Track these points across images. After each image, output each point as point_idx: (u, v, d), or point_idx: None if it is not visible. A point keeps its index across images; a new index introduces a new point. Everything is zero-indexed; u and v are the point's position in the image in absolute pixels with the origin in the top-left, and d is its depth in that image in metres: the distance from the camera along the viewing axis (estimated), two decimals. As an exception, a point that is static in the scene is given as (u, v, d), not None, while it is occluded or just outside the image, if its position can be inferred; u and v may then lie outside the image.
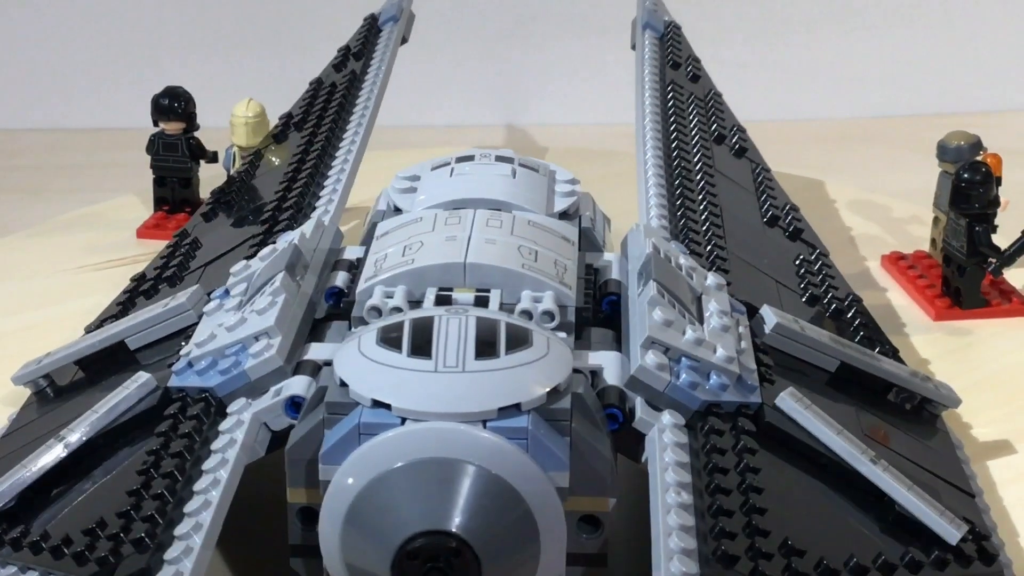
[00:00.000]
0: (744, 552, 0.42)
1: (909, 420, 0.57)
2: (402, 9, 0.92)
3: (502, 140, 1.22)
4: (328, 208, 0.67)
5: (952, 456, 0.56)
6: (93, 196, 0.97)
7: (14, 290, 0.80)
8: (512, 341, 0.46)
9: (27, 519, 0.48)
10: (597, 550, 0.47)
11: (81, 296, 0.76)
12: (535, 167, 0.63)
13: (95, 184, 1.08)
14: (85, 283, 0.80)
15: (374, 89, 0.81)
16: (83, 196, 0.99)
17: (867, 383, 0.57)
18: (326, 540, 0.45)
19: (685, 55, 0.89)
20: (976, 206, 0.74)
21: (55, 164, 1.22)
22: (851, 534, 0.46)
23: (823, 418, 0.49)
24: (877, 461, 0.48)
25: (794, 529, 0.44)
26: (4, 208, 1.09)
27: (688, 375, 0.49)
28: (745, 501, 0.45)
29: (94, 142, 1.24)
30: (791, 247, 0.69)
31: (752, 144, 0.81)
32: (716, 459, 0.46)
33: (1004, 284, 0.78)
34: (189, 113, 0.87)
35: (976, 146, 0.77)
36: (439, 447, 0.43)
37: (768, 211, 0.72)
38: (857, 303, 0.65)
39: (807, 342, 0.56)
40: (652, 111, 0.77)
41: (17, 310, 0.77)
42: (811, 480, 0.48)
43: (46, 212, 0.95)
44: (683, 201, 0.67)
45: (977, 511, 0.52)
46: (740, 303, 0.57)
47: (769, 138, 0.86)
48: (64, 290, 0.79)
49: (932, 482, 0.51)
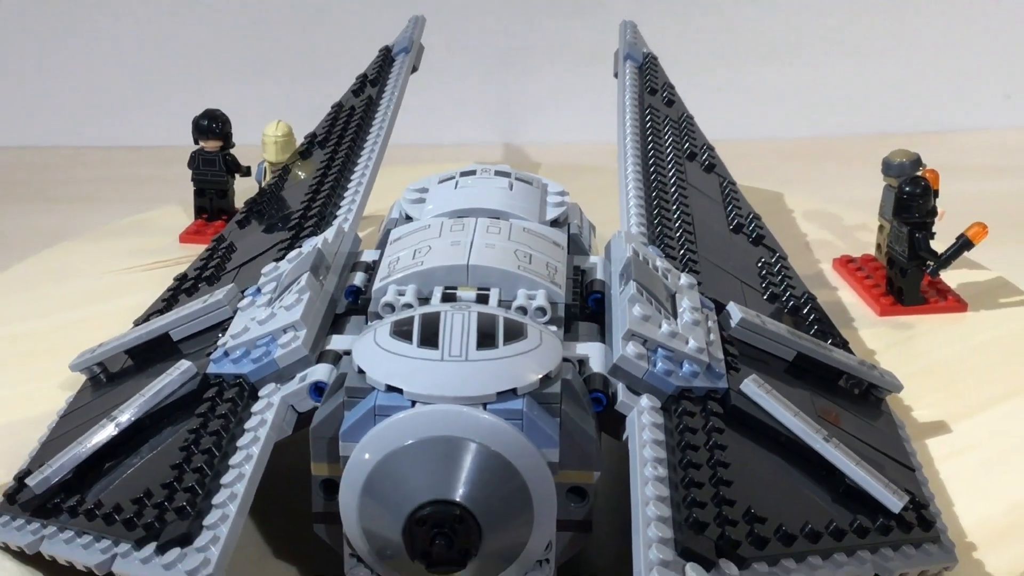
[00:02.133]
0: (713, 519, 0.42)
1: (857, 403, 0.57)
2: (412, 41, 0.92)
3: (500, 157, 1.22)
4: (348, 216, 0.67)
5: (895, 435, 0.56)
6: (141, 206, 0.97)
7: (72, 288, 0.80)
8: (509, 334, 0.46)
9: (82, 489, 0.48)
10: (583, 517, 0.47)
11: (130, 294, 0.75)
12: (529, 181, 0.63)
13: (143, 195, 1.08)
14: (134, 282, 0.80)
15: (388, 112, 0.81)
16: (132, 206, 0.99)
17: (820, 371, 0.57)
18: (345, 508, 0.45)
19: (661, 82, 0.89)
20: (916, 215, 0.74)
21: (108, 177, 1.22)
22: (807, 504, 0.46)
23: (782, 401, 0.49)
24: (829, 439, 0.48)
25: (756, 499, 0.44)
26: (63, 216, 1.09)
27: (663, 363, 0.49)
28: (713, 474, 0.45)
29: (142, 158, 1.24)
30: (754, 251, 0.69)
31: (720, 160, 0.81)
32: (688, 437, 0.46)
33: (941, 284, 0.78)
34: (226, 133, 0.87)
35: (916, 163, 0.77)
36: (445, 426, 0.43)
37: (734, 219, 0.72)
38: (812, 300, 0.65)
39: (768, 335, 0.56)
40: (632, 131, 0.77)
41: (74, 306, 0.77)
42: (772, 456, 0.48)
43: (99, 220, 0.95)
44: (659, 211, 0.67)
45: (917, 483, 0.52)
46: (709, 300, 0.57)
47: (735, 155, 0.86)
48: (115, 288, 0.79)
49: (877, 458, 0.51)
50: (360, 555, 0.46)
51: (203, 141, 0.87)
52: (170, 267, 0.80)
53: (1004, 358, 0.70)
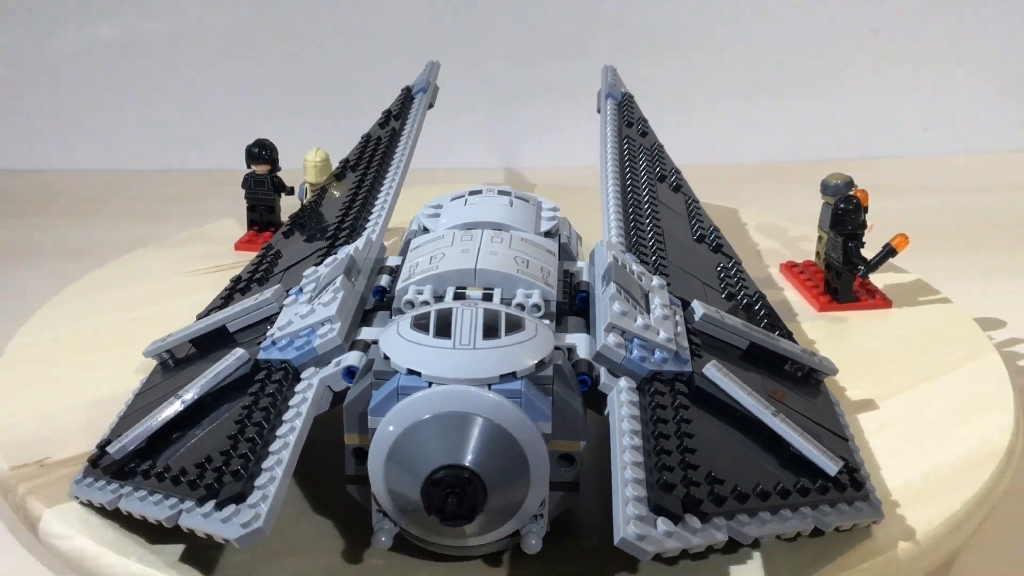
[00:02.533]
0: (679, 481, 0.42)
1: (800, 384, 0.57)
2: (429, 83, 0.92)
3: (503, 179, 1.22)
4: (375, 228, 0.67)
5: (831, 411, 0.56)
6: (202, 220, 0.97)
7: (145, 288, 0.80)
8: (510, 326, 0.46)
9: (154, 456, 0.48)
10: (572, 479, 0.47)
11: (193, 293, 0.75)
12: (526, 198, 0.63)
13: (204, 211, 1.08)
14: (196, 284, 0.79)
15: (408, 141, 0.81)
16: (195, 220, 0.99)
17: (769, 357, 0.57)
18: (373, 472, 0.45)
19: (636, 116, 0.89)
20: (849, 228, 0.74)
21: (175, 196, 1.22)
22: (758, 468, 0.46)
23: (737, 383, 0.49)
24: (776, 414, 0.48)
25: (716, 464, 0.44)
26: (137, 229, 1.09)
27: (638, 351, 0.49)
28: (680, 444, 0.45)
29: (203, 180, 1.24)
30: (714, 258, 0.69)
31: (685, 182, 0.81)
32: (659, 413, 0.46)
33: (870, 285, 0.78)
34: (273, 158, 0.87)
35: (849, 184, 0.77)
36: (456, 403, 0.43)
37: (697, 231, 0.72)
38: (762, 299, 0.65)
39: (726, 327, 0.56)
40: (612, 158, 0.77)
41: (147, 303, 0.77)
42: (729, 428, 0.48)
43: (168, 232, 0.95)
44: (635, 224, 0.67)
45: (850, 451, 0.52)
46: (677, 299, 0.57)
47: (697, 177, 0.86)
48: (181, 289, 0.79)
49: (817, 430, 0.51)
50: (385, 511, 0.46)
51: (254, 165, 0.87)
52: (226, 271, 0.80)
53: (923, 347, 0.70)
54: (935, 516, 0.51)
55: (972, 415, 0.61)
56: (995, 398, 0.63)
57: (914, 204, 1.16)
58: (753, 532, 0.42)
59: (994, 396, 0.63)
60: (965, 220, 1.12)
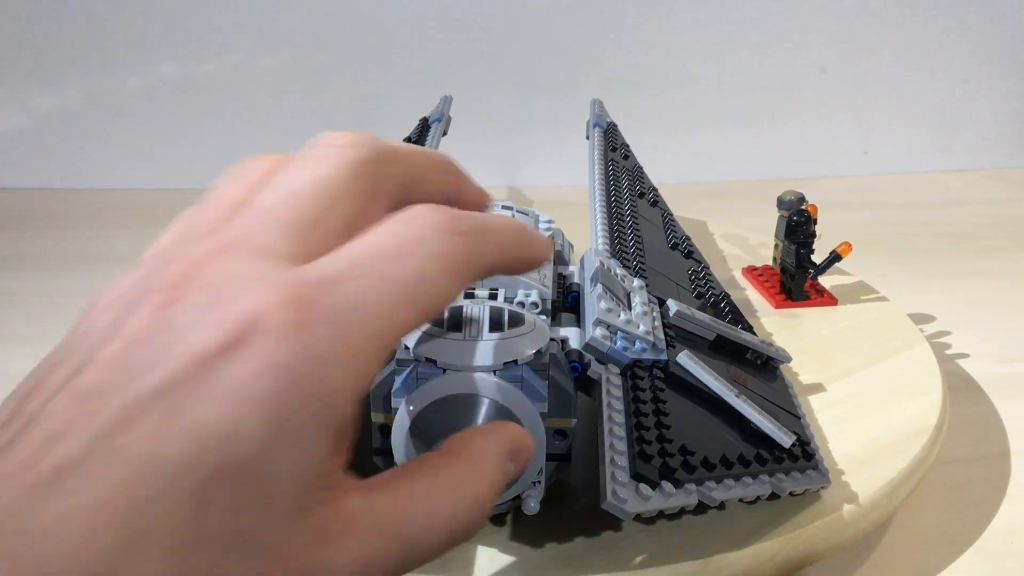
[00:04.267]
0: (656, 452, 0.42)
1: (760, 370, 0.57)
2: (443, 114, 0.92)
3: (505, 196, 1.22)
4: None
5: (787, 392, 0.56)
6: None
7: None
8: (512, 321, 0.46)
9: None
10: (565, 451, 0.47)
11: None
12: (526, 212, 0.63)
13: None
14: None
15: (426, 164, 0.81)
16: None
17: (733, 347, 0.57)
18: (396, 446, 0.45)
19: (619, 143, 0.89)
20: (801, 237, 0.74)
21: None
22: (723, 442, 0.46)
23: (705, 369, 0.49)
24: (739, 396, 0.48)
25: (688, 438, 0.44)
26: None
27: (621, 343, 0.49)
28: (657, 421, 0.44)
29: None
30: (685, 263, 0.69)
31: (661, 198, 0.81)
32: (639, 395, 0.46)
33: (819, 286, 0.78)
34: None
35: (801, 199, 0.76)
36: (466, 387, 0.43)
37: (671, 240, 0.72)
38: (727, 297, 0.64)
39: (696, 322, 0.56)
40: (599, 177, 0.77)
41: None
42: (698, 408, 0.48)
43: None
44: (618, 233, 0.67)
45: (802, 427, 0.52)
46: (654, 297, 0.57)
47: (672, 194, 0.86)
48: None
49: (773, 409, 0.51)
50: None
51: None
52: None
53: (864, 338, 0.70)
54: (874, 482, 0.51)
55: (906, 396, 0.61)
56: (925, 381, 0.63)
57: (856, 217, 1.16)
58: (720, 496, 0.42)
59: (925, 379, 0.63)
60: (900, 231, 1.12)
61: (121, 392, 0.25)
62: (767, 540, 0.46)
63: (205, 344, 0.26)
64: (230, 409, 0.25)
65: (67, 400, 0.26)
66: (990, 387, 0.71)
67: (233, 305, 0.26)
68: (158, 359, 0.26)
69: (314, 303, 0.26)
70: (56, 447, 0.25)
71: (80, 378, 0.26)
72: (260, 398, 0.25)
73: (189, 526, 0.25)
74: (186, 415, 0.25)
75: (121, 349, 0.26)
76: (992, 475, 0.61)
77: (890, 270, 0.94)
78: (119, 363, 0.26)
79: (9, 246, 1.08)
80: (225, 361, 0.25)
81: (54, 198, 1.26)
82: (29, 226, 1.16)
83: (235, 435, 0.25)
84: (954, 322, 0.82)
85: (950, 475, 0.60)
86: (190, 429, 0.25)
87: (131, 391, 0.25)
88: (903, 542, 0.54)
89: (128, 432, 0.25)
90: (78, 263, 1.02)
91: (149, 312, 0.27)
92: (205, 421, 0.25)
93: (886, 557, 0.53)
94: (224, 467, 0.25)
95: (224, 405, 0.25)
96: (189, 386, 0.25)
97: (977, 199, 1.24)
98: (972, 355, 0.77)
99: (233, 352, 0.25)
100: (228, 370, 0.25)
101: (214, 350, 0.25)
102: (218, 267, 0.27)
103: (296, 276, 0.27)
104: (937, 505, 0.58)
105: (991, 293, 0.91)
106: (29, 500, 0.24)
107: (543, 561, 0.45)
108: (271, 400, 0.25)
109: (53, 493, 0.24)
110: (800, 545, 0.47)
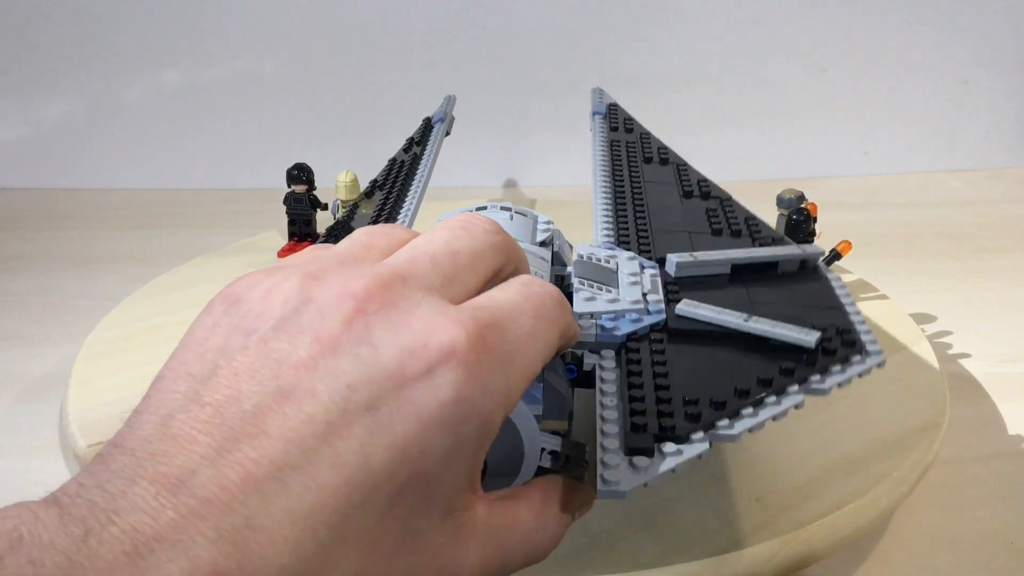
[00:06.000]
0: (653, 417, 0.40)
1: (794, 277, 0.53)
2: (446, 114, 0.91)
3: (505, 196, 1.22)
4: (397, 238, 0.67)
5: (829, 288, 0.52)
6: (249, 232, 0.97)
7: (201, 291, 0.78)
8: (509, 321, 0.46)
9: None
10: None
11: (244, 293, 0.75)
12: (525, 213, 0.63)
13: (251, 224, 1.08)
14: (247, 285, 0.79)
15: (428, 164, 0.80)
16: (243, 232, 0.99)
17: (758, 268, 0.53)
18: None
19: (621, 118, 0.86)
20: (801, 235, 0.74)
21: (226, 211, 1.22)
22: (736, 375, 0.43)
23: (708, 307, 0.47)
24: (748, 319, 0.46)
25: (690, 388, 0.42)
26: (198, 239, 1.09)
27: (606, 324, 0.48)
28: (654, 383, 0.43)
29: (252, 198, 1.24)
30: (703, 204, 0.66)
31: (673, 153, 0.77)
32: (631, 367, 0.45)
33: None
34: (310, 179, 0.87)
35: (801, 198, 0.76)
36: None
37: (685, 189, 0.69)
38: (750, 220, 0.60)
39: (704, 264, 0.53)
40: (599, 168, 0.75)
41: (203, 304, 0.76)
42: (708, 351, 0.46)
43: (221, 242, 0.95)
44: (620, 215, 0.64)
45: (844, 315, 0.49)
46: (651, 261, 0.55)
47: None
48: (234, 289, 0.79)
49: (803, 313, 0.48)
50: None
51: (294, 185, 0.87)
52: (272, 275, 0.80)
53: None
54: (874, 482, 0.51)
55: (906, 394, 0.60)
56: (926, 380, 0.62)
57: (856, 217, 1.16)
58: (738, 429, 0.40)
59: (925, 379, 0.63)
60: (899, 230, 1.12)
61: (326, 399, 0.28)
62: (767, 540, 0.46)
63: (411, 370, 0.29)
64: (425, 429, 0.29)
65: (270, 398, 0.28)
66: (990, 387, 0.71)
67: (429, 336, 0.30)
68: (362, 373, 0.29)
69: (488, 346, 0.31)
70: (266, 445, 0.27)
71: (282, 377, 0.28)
72: (449, 423, 0.29)
73: (378, 527, 0.28)
74: (392, 430, 0.28)
75: (320, 353, 0.29)
76: (992, 475, 0.60)
77: (890, 270, 0.93)
78: (319, 368, 0.29)
79: (9, 246, 1.08)
80: (423, 385, 0.29)
81: (55, 198, 1.26)
82: (29, 226, 1.16)
83: (426, 451, 0.29)
84: (954, 322, 0.82)
85: (950, 475, 0.60)
86: (393, 443, 0.28)
87: (338, 401, 0.28)
88: (903, 542, 0.54)
89: (342, 440, 0.27)
90: (78, 263, 1.02)
91: (343, 321, 0.30)
92: (405, 437, 0.29)
93: (886, 557, 0.53)
94: (412, 477, 0.29)
95: (421, 425, 0.29)
96: (392, 404, 0.29)
97: (977, 199, 1.24)
98: (972, 355, 0.77)
99: (430, 378, 0.29)
100: (424, 394, 0.29)
101: (416, 375, 0.29)
102: (402, 291, 0.31)
103: (472, 316, 0.32)
104: (937, 505, 0.57)
105: (991, 293, 0.91)
106: (252, 497, 0.26)
107: (544, 561, 0.45)
108: (456, 425, 0.30)
109: (274, 492, 0.26)
110: (800, 545, 0.47)
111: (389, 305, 0.30)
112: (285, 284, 0.31)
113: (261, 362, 0.29)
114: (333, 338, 0.29)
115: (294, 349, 0.29)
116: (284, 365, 0.29)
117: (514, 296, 0.35)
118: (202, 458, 0.26)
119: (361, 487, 0.27)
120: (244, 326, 0.30)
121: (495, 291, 0.35)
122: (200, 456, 0.26)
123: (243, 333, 0.30)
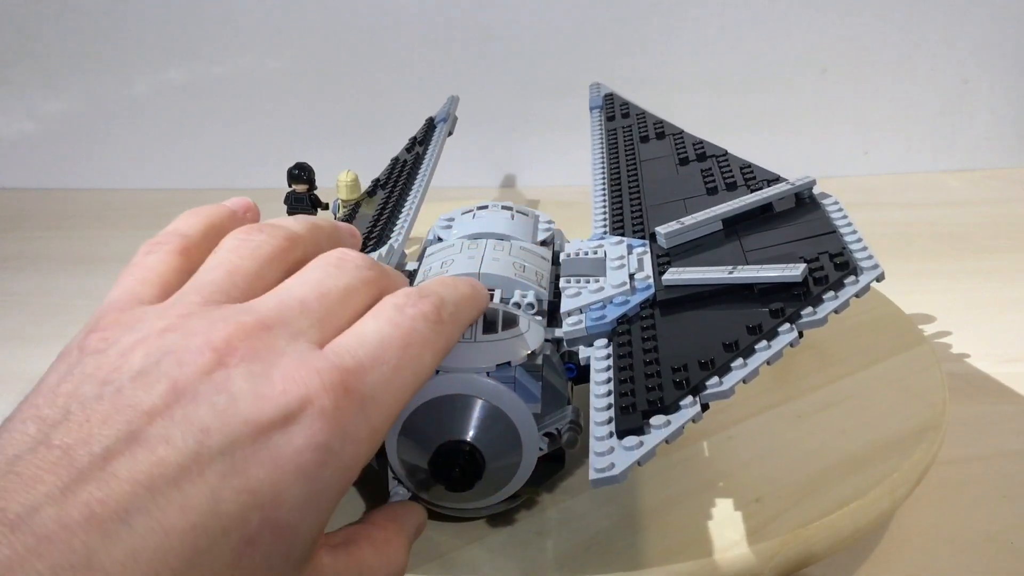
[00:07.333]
0: (641, 394, 0.40)
1: (793, 212, 0.53)
2: (449, 114, 0.91)
3: (506, 196, 1.22)
4: (398, 238, 0.66)
5: (825, 216, 0.51)
6: (252, 231, 0.96)
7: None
8: (506, 322, 0.46)
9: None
10: (557, 452, 0.46)
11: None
12: (526, 213, 0.63)
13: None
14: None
15: (430, 164, 0.80)
16: (246, 231, 0.99)
17: (750, 214, 0.53)
18: (389, 444, 0.44)
19: (618, 104, 0.85)
20: (800, 236, 0.73)
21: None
22: (723, 330, 0.42)
23: (691, 268, 0.47)
24: (733, 270, 0.45)
25: (678, 354, 0.41)
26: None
27: (594, 315, 0.48)
28: (644, 359, 0.42)
29: (254, 197, 1.23)
30: (700, 166, 0.65)
31: (669, 124, 0.75)
32: (620, 350, 0.44)
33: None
34: (311, 179, 0.86)
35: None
36: (460, 387, 0.43)
37: (681, 157, 0.68)
38: (745, 168, 0.59)
39: (694, 227, 0.53)
40: (597, 162, 0.75)
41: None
42: (698, 313, 0.45)
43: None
44: (616, 207, 0.64)
45: (837, 239, 0.48)
46: (640, 240, 0.54)
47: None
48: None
49: (797, 248, 0.47)
50: (399, 478, 0.45)
51: (295, 185, 0.86)
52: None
53: (865, 338, 0.69)
54: (874, 482, 0.50)
55: (907, 395, 0.60)
56: (925, 381, 0.62)
57: (856, 217, 1.15)
58: (730, 382, 0.39)
59: (925, 379, 0.62)
60: (900, 230, 1.11)
61: (180, 444, 0.28)
62: (767, 540, 0.45)
63: (268, 417, 0.29)
64: (280, 476, 0.29)
65: (121, 442, 0.27)
66: (990, 387, 0.71)
67: (287, 385, 0.30)
68: (217, 419, 0.29)
69: (348, 391, 0.31)
70: (114, 486, 0.27)
71: (135, 422, 0.28)
72: (305, 471, 0.29)
73: (226, 574, 0.28)
74: (244, 476, 0.28)
75: (176, 401, 0.29)
76: (992, 475, 0.60)
77: (890, 270, 0.92)
78: (175, 415, 0.28)
79: (10, 246, 1.08)
80: (279, 434, 0.29)
81: (55, 198, 1.26)
82: (30, 226, 1.16)
83: (279, 499, 0.29)
84: (954, 322, 0.82)
85: (950, 475, 0.60)
86: (245, 488, 0.28)
87: (191, 445, 0.28)
88: (903, 542, 0.54)
89: (193, 484, 0.27)
90: (79, 263, 1.02)
91: (200, 371, 0.30)
92: (259, 483, 0.28)
93: (886, 557, 0.53)
94: (264, 525, 0.29)
95: (276, 472, 0.29)
96: (248, 451, 0.29)
97: (977, 199, 1.24)
98: (972, 355, 0.76)
99: (287, 427, 0.29)
100: (281, 442, 0.29)
101: (272, 422, 0.29)
102: (266, 340, 0.31)
103: (333, 364, 0.32)
104: (937, 505, 0.57)
105: (991, 293, 0.90)
106: (94, 537, 0.25)
107: (543, 561, 0.45)
108: (312, 473, 0.30)
109: (118, 533, 0.26)
110: (800, 545, 0.46)
111: (251, 357, 0.30)
112: (146, 340, 0.31)
113: (115, 409, 0.28)
114: (191, 387, 0.29)
115: (149, 397, 0.29)
116: (138, 411, 0.28)
117: (384, 326, 0.34)
118: (46, 496, 0.26)
119: (208, 531, 0.27)
120: (100, 376, 0.30)
121: (366, 320, 0.35)
122: (44, 495, 0.26)
123: (99, 383, 0.29)
